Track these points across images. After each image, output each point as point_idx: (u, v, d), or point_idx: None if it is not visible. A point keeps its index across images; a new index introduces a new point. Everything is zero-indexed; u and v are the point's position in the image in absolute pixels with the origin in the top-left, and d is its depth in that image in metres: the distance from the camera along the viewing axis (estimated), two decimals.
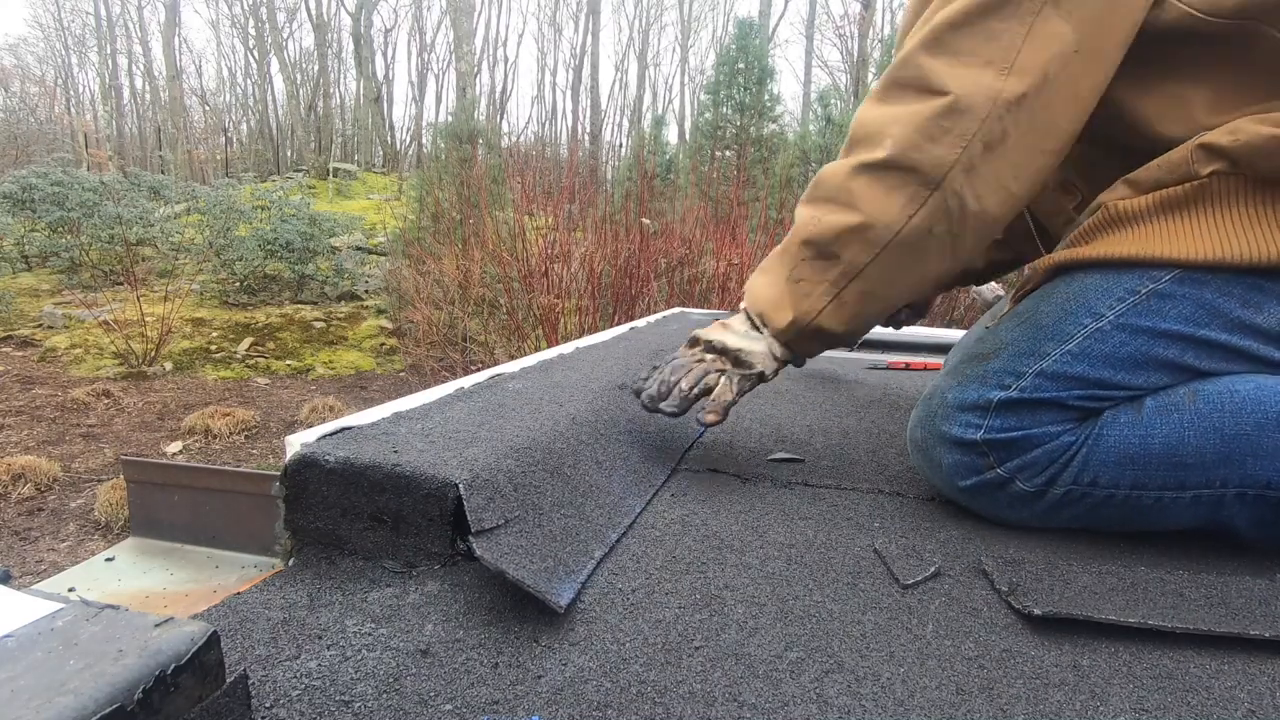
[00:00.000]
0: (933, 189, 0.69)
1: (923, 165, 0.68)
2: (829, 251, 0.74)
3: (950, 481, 0.75)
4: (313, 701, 0.41)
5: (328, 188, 13.44)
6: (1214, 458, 0.65)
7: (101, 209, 7.41)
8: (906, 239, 0.71)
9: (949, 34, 0.68)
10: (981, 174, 0.68)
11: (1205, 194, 0.67)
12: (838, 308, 0.76)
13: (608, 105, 23.19)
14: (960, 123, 0.67)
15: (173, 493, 0.66)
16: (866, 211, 0.71)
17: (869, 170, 0.71)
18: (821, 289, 0.75)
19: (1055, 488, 0.70)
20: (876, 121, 0.72)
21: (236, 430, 4.39)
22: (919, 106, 0.68)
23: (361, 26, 19.04)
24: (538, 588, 0.51)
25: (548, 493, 0.65)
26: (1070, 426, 0.70)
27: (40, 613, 0.36)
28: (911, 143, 0.68)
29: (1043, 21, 0.66)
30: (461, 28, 13.62)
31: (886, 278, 0.74)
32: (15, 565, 2.74)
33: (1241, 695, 0.46)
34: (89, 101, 22.67)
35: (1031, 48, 0.66)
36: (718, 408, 0.78)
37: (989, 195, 0.69)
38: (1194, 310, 0.67)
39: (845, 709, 0.43)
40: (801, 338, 0.79)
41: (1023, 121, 0.67)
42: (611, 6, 44.23)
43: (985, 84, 0.66)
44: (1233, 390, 0.66)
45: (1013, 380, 0.71)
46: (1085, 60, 0.67)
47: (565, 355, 1.21)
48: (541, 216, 5.55)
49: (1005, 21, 0.66)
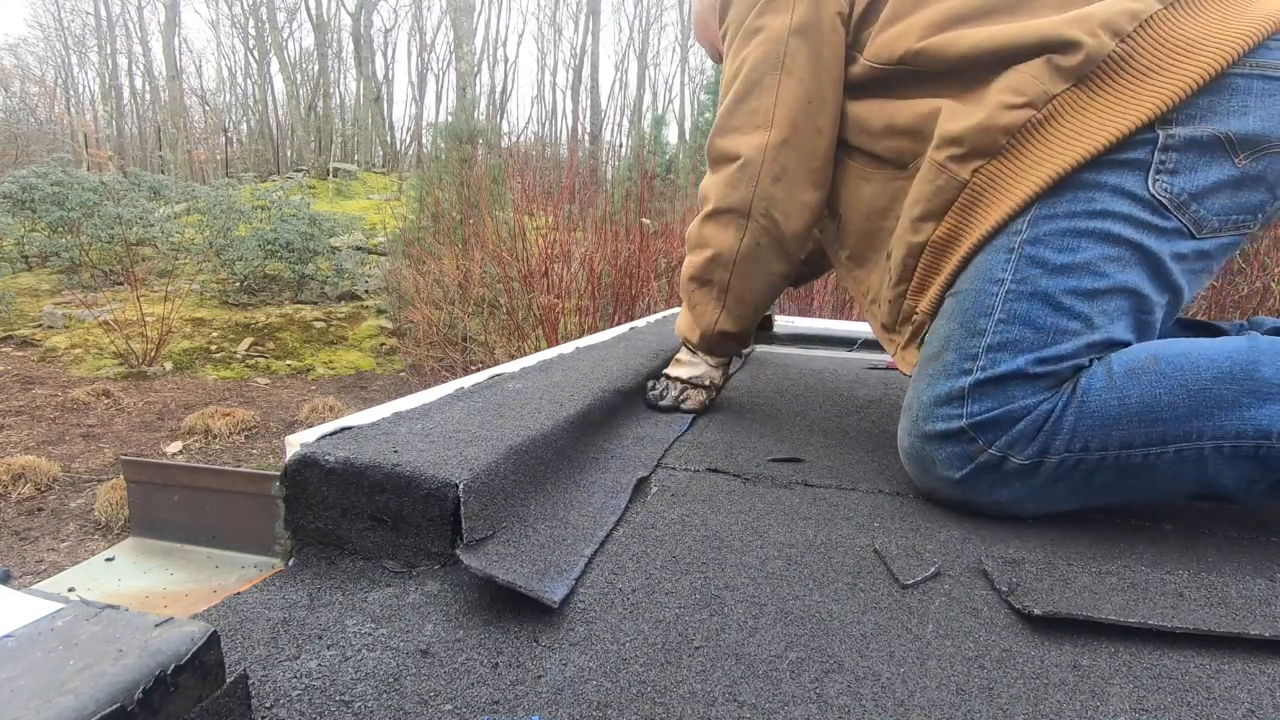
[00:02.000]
0: (746, 218, 1.02)
1: (735, 205, 1.02)
2: (705, 279, 1.08)
3: (946, 477, 0.78)
4: (313, 701, 0.41)
5: (328, 188, 13.44)
6: (1185, 410, 0.71)
7: (101, 209, 7.41)
8: (745, 255, 1.04)
9: (726, 120, 1.02)
10: (777, 197, 1.00)
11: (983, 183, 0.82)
12: (726, 315, 1.09)
13: (608, 105, 23.19)
14: (748, 171, 0.99)
15: (173, 493, 0.66)
16: (715, 245, 1.05)
17: (708, 220, 1.05)
18: (710, 305, 1.09)
19: (1050, 457, 0.74)
20: (704, 187, 1.07)
21: (236, 430, 4.39)
22: (724, 171, 1.02)
23: (361, 26, 19.04)
24: (530, 587, 0.51)
25: (532, 505, 0.66)
26: (1046, 395, 0.75)
27: (40, 613, 0.36)
28: (723, 194, 1.02)
29: (783, 89, 0.97)
30: (461, 28, 13.62)
31: (745, 283, 1.06)
32: (15, 565, 2.74)
33: (1241, 695, 0.46)
34: (89, 101, 22.68)
35: (781, 108, 0.97)
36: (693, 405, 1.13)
37: (789, 208, 1.01)
38: (1061, 240, 0.78)
39: (845, 709, 0.43)
40: (713, 342, 1.12)
41: (791, 154, 0.98)
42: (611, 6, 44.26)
43: (756, 142, 0.98)
44: (1186, 352, 0.73)
45: (971, 363, 0.79)
46: (816, 105, 0.97)
47: (565, 355, 1.21)
48: (541, 216, 5.54)
49: (759, 98, 0.98)
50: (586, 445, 0.85)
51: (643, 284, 4.83)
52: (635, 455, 0.87)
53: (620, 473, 0.80)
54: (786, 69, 0.97)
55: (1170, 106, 0.74)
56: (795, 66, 0.96)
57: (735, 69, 1.01)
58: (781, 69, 0.97)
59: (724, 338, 1.10)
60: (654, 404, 1.12)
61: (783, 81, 0.97)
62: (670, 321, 1.87)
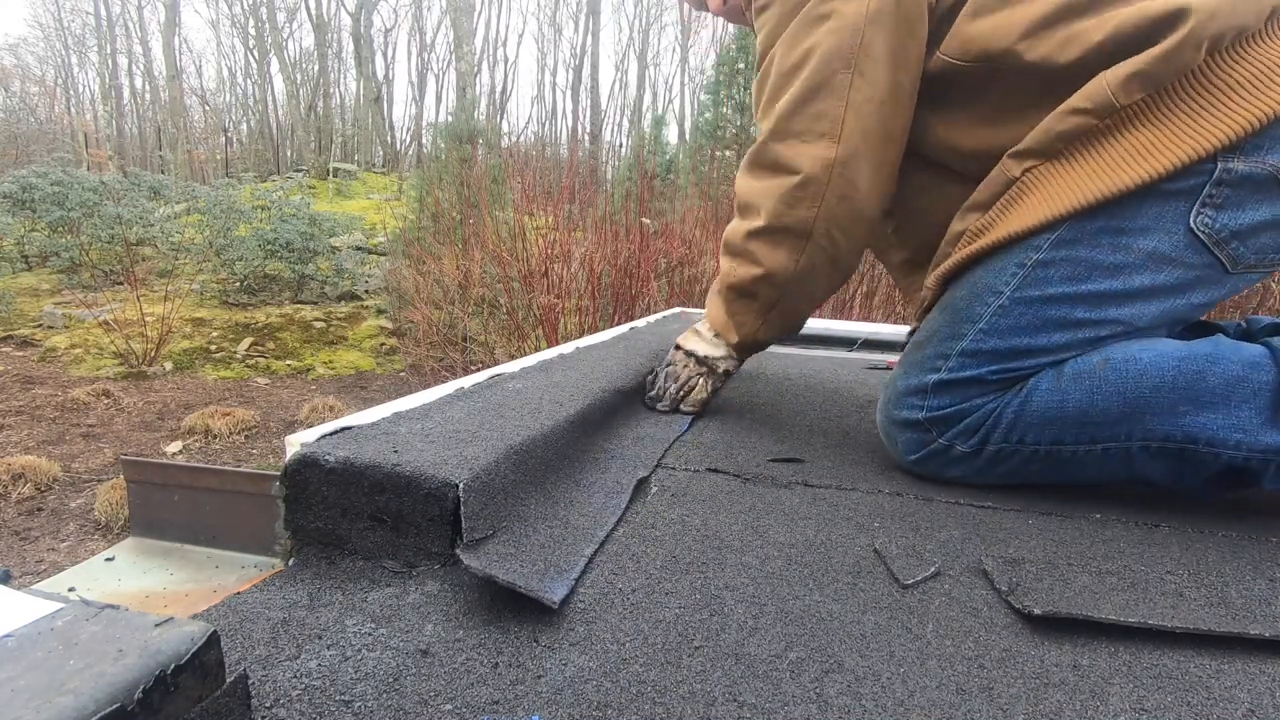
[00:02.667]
0: (806, 240, 0.91)
1: (792, 226, 0.91)
2: (749, 293, 0.99)
3: (903, 455, 0.88)
4: (313, 701, 0.41)
5: (328, 188, 13.44)
6: (1117, 416, 0.76)
7: (101, 209, 7.41)
8: (799, 276, 0.95)
9: (787, 123, 0.88)
10: (841, 216, 0.89)
11: (1029, 184, 0.81)
12: (766, 327, 1.02)
13: (608, 105, 23.18)
14: (811, 190, 0.88)
15: (173, 493, 0.66)
16: (766, 265, 0.95)
17: (758, 236, 0.94)
18: (751, 317, 1.02)
19: (989, 446, 0.82)
20: (750, 193, 0.94)
21: (236, 430, 4.39)
22: (780, 184, 0.90)
23: (361, 26, 19.04)
24: (530, 587, 0.51)
25: (532, 504, 0.66)
26: (993, 396, 0.82)
27: (40, 613, 0.36)
28: (778, 212, 0.91)
29: (855, 92, 0.85)
30: (461, 28, 13.62)
31: (794, 302, 0.99)
32: (15, 565, 2.74)
33: (1241, 695, 0.46)
34: (89, 101, 22.67)
35: (852, 115, 0.85)
36: (695, 403, 1.06)
37: (854, 227, 0.91)
38: (1073, 269, 0.78)
39: (845, 709, 0.43)
40: (746, 349, 1.06)
41: (860, 169, 0.87)
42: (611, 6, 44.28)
43: (822, 155, 0.86)
44: (1136, 357, 0.76)
45: (941, 362, 0.84)
46: (890, 109, 0.87)
47: (565, 355, 1.21)
48: (541, 216, 5.54)
49: (826, 101, 0.86)
50: (586, 445, 0.85)
51: (643, 284, 4.83)
52: (635, 455, 0.87)
53: (620, 473, 0.80)
54: (859, 67, 0.84)
55: (1244, 135, 0.70)
56: (870, 64, 0.84)
57: (798, 59, 0.87)
58: (854, 67, 0.84)
59: (758, 345, 1.06)
60: (651, 405, 1.08)
61: (854, 83, 0.84)
62: (671, 322, 1.87)
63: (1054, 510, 0.78)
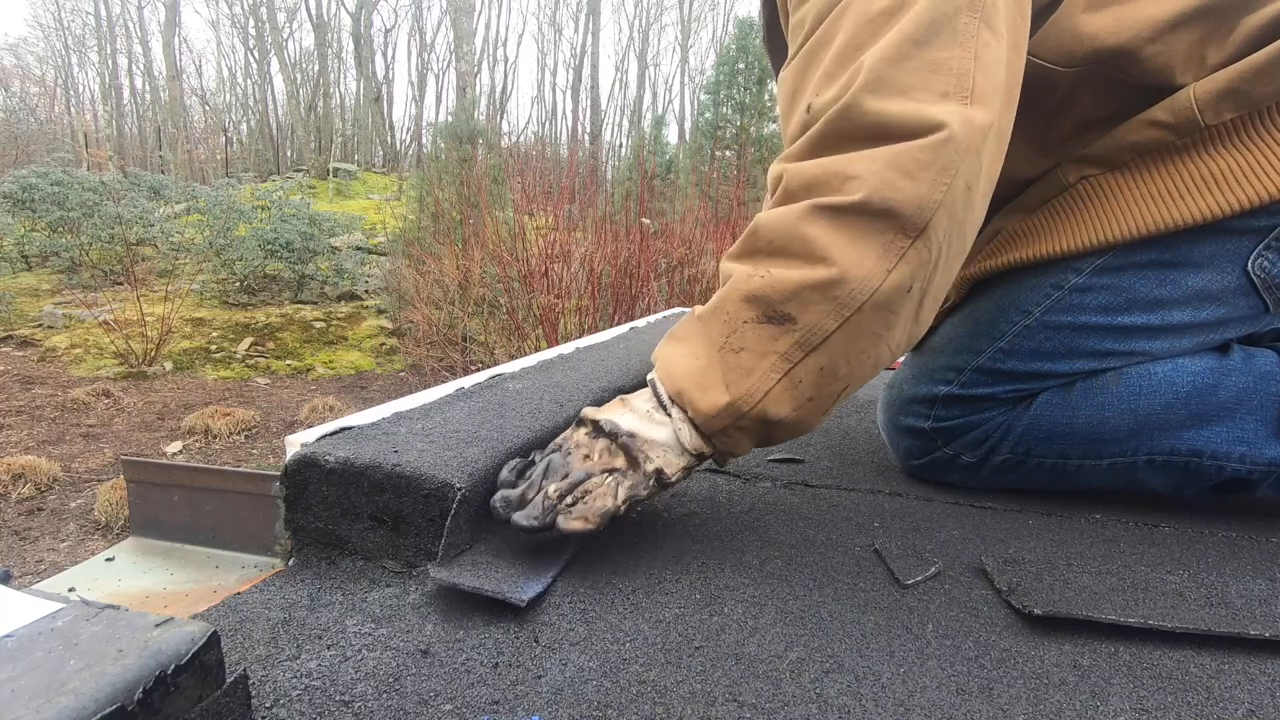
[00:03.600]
0: (914, 236, 0.55)
1: (903, 207, 0.54)
2: (781, 313, 0.57)
3: (906, 460, 0.87)
4: (313, 701, 0.41)
5: (328, 188, 13.43)
6: (1127, 432, 0.75)
7: (101, 209, 7.40)
8: (883, 299, 0.56)
9: (891, 71, 0.57)
10: (963, 213, 0.57)
11: (1082, 196, 0.74)
12: (788, 389, 0.58)
13: (608, 105, 23.18)
14: (944, 154, 0.54)
15: (173, 493, 0.66)
16: (838, 262, 0.55)
17: (833, 214, 0.56)
18: (769, 362, 0.57)
19: (995, 456, 0.80)
20: (833, 166, 0.57)
21: (236, 430, 4.39)
22: (892, 148, 0.56)
23: (361, 26, 19.04)
24: (497, 590, 0.51)
25: None
26: (1004, 410, 0.79)
27: (40, 613, 0.36)
28: (887, 181, 0.54)
29: (984, 47, 0.58)
30: (461, 28, 13.62)
31: (851, 350, 0.58)
32: (15, 565, 2.74)
33: (1241, 695, 0.46)
34: (89, 101, 22.68)
35: (983, 74, 0.57)
36: (589, 512, 0.56)
37: (963, 240, 0.60)
38: (1113, 298, 0.73)
39: (845, 709, 0.43)
40: (737, 428, 0.59)
41: (991, 150, 0.58)
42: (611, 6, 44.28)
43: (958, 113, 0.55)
44: (1150, 372, 0.74)
45: (954, 375, 0.80)
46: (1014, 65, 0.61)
47: (565, 355, 1.21)
48: (541, 216, 5.54)
49: (948, 49, 0.57)
50: None
51: (643, 284, 4.83)
52: None
53: None
54: (986, 17, 0.58)
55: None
56: (995, 15, 0.59)
57: None
58: (980, 13, 0.58)
59: (760, 425, 0.59)
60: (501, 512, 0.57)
61: (981, 35, 0.58)
62: (671, 321, 1.86)
63: (1054, 510, 0.78)
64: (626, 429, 0.60)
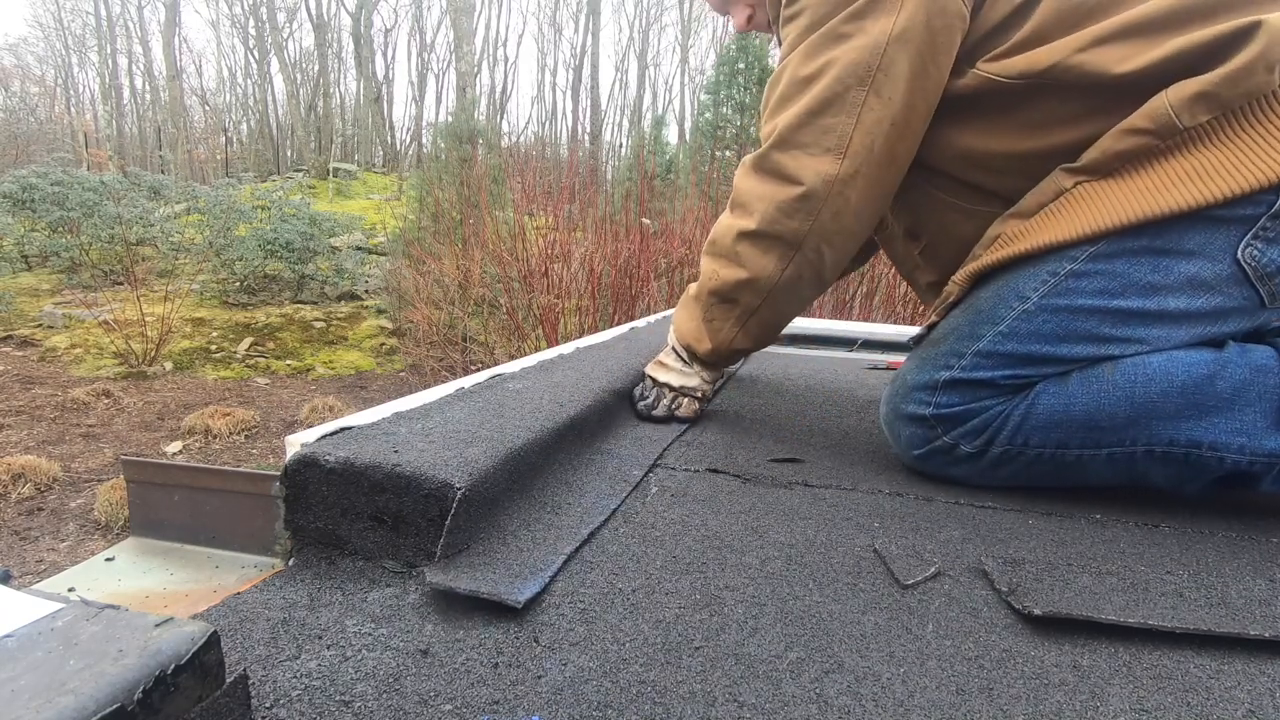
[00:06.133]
0: (795, 250, 0.90)
1: (785, 235, 0.89)
2: (730, 298, 0.97)
3: (907, 451, 0.89)
4: (313, 701, 0.41)
5: (328, 188, 13.44)
6: (1124, 421, 0.77)
7: (101, 209, 7.40)
8: (783, 285, 0.93)
9: (794, 133, 0.87)
10: (833, 232, 0.89)
11: (1077, 197, 0.79)
12: (743, 335, 1.00)
13: (608, 105, 23.17)
14: (808, 204, 0.87)
15: (173, 493, 0.66)
16: (751, 270, 0.93)
17: (748, 238, 0.92)
18: (729, 324, 0.99)
19: (994, 447, 0.82)
20: (748, 194, 0.92)
21: (236, 430, 4.39)
22: (779, 190, 0.88)
23: (361, 26, 19.04)
24: (492, 592, 0.51)
25: (520, 511, 0.66)
26: (1003, 399, 0.82)
27: (40, 613, 0.36)
28: (772, 219, 0.89)
29: (866, 111, 0.83)
30: (461, 28, 13.62)
31: (774, 310, 0.97)
32: (15, 565, 2.74)
33: (1241, 695, 0.46)
34: (89, 101, 22.68)
35: (860, 134, 0.84)
36: (685, 411, 1.05)
37: (843, 243, 0.91)
38: (1108, 283, 0.77)
39: (845, 709, 0.43)
40: (720, 358, 1.03)
41: (858, 188, 0.86)
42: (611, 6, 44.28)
43: (824, 171, 0.85)
44: (1145, 361, 0.76)
45: (955, 360, 0.84)
46: (899, 130, 0.84)
47: (565, 355, 1.21)
48: (541, 216, 5.54)
49: (836, 116, 0.84)
50: (585, 446, 0.85)
51: (643, 284, 4.83)
52: (633, 455, 0.87)
53: (616, 473, 0.80)
54: (876, 86, 0.82)
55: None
56: (887, 84, 0.82)
57: (814, 70, 0.85)
58: (870, 85, 0.82)
59: (733, 355, 1.02)
60: (646, 414, 1.03)
61: (868, 101, 0.83)
62: (671, 321, 1.87)
63: (1054, 510, 0.78)
64: (676, 385, 1.05)
